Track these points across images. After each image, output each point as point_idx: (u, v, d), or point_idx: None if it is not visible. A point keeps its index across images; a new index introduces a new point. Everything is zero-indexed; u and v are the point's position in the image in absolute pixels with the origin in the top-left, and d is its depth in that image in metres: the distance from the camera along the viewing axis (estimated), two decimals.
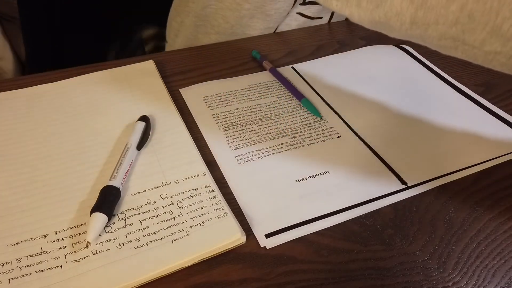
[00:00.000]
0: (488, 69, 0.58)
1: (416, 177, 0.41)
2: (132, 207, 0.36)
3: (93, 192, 0.37)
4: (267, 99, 0.51)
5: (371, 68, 0.57)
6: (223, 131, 0.46)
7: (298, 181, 0.40)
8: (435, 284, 0.32)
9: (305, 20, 0.66)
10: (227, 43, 0.62)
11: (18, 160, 0.41)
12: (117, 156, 0.40)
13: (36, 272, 0.31)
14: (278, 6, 0.61)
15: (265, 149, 0.43)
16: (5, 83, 0.51)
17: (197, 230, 0.35)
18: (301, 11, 0.65)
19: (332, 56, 0.59)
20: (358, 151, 0.44)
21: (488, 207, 0.38)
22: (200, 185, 0.39)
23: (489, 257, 0.34)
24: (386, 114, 0.49)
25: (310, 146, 0.44)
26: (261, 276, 0.32)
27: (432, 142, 0.45)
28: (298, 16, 0.65)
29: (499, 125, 0.48)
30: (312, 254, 0.34)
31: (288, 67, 0.57)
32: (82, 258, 0.32)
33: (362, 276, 0.33)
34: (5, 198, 0.37)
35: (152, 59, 0.56)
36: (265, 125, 0.47)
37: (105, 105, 0.48)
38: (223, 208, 0.36)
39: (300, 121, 0.47)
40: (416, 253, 0.34)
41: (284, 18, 0.64)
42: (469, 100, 0.51)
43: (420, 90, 0.53)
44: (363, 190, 0.39)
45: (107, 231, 0.34)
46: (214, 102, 0.50)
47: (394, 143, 0.45)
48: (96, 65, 0.56)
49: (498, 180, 0.41)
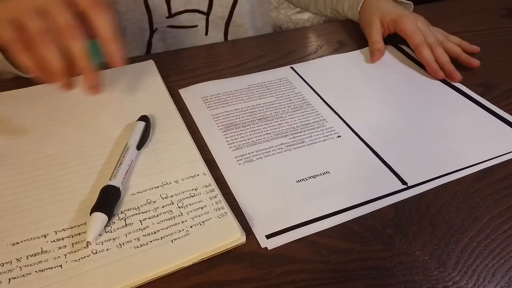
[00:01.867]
0: (487, 70, 0.58)
1: (416, 177, 0.41)
2: (132, 207, 0.36)
3: (93, 192, 0.37)
4: (266, 99, 0.51)
5: (371, 68, 0.57)
6: (222, 132, 0.46)
7: (298, 182, 0.40)
8: (435, 284, 0.32)
9: (183, 32, 0.65)
10: (227, 43, 0.62)
11: (18, 160, 0.41)
12: (117, 156, 0.40)
13: (36, 271, 0.31)
14: (129, 16, 0.60)
15: (265, 150, 0.43)
16: (5, 83, 0.51)
17: (197, 230, 0.35)
18: (170, 24, 0.63)
19: (332, 57, 0.59)
20: (358, 151, 0.44)
21: (488, 207, 0.38)
22: (200, 184, 0.39)
23: (489, 257, 0.34)
24: (386, 114, 0.49)
25: (310, 146, 0.44)
26: (261, 276, 0.32)
27: (432, 142, 0.45)
28: (171, 30, 0.63)
29: (499, 124, 0.48)
30: (312, 254, 0.34)
31: (287, 67, 0.57)
32: (82, 258, 0.32)
33: (362, 276, 0.33)
34: (5, 198, 0.37)
35: (152, 59, 0.56)
36: (264, 126, 0.47)
37: (105, 105, 0.48)
38: (223, 208, 0.36)
39: (300, 121, 0.47)
40: (416, 252, 0.34)
41: (148, 32, 0.63)
42: (468, 100, 0.51)
43: (420, 90, 0.53)
44: (364, 190, 0.39)
45: (107, 230, 0.34)
46: (213, 103, 0.50)
47: (394, 143, 0.45)
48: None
49: (498, 180, 0.41)
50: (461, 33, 0.64)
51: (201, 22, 0.65)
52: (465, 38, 0.61)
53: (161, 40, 0.65)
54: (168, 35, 0.65)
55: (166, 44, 0.66)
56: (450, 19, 0.69)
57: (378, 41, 0.59)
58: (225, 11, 0.66)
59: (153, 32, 0.64)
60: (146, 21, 0.62)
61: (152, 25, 0.63)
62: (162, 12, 0.62)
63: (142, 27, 0.62)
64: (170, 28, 0.64)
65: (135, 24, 0.62)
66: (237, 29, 0.69)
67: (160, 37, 0.65)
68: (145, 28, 0.63)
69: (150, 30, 0.63)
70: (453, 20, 0.69)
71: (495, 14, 0.72)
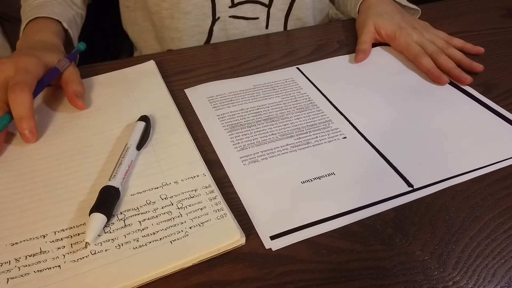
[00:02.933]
0: (488, 70, 0.58)
1: (422, 179, 0.40)
2: (132, 208, 0.36)
3: (92, 192, 0.37)
4: (272, 99, 0.51)
5: (377, 69, 0.57)
6: (228, 132, 0.45)
7: (303, 183, 0.40)
8: (435, 284, 0.32)
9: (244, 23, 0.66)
10: (227, 43, 0.62)
11: (18, 160, 0.41)
12: (117, 156, 0.40)
13: (34, 272, 0.31)
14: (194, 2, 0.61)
15: (270, 150, 0.43)
16: None
17: (196, 231, 0.34)
18: (233, 14, 0.64)
19: (337, 57, 0.59)
20: (364, 152, 0.43)
21: (488, 207, 0.38)
22: (200, 185, 0.38)
23: (489, 257, 0.34)
24: (392, 115, 0.49)
25: (316, 147, 0.44)
26: (262, 276, 0.32)
27: (438, 143, 0.44)
28: (233, 20, 0.65)
29: (505, 125, 0.47)
30: (312, 254, 0.34)
31: (293, 67, 0.57)
32: (80, 259, 0.32)
33: (362, 276, 0.33)
34: (5, 198, 0.37)
35: (153, 59, 0.56)
36: (270, 126, 0.46)
37: (105, 105, 0.48)
38: (222, 209, 0.36)
39: (306, 122, 0.47)
40: (416, 252, 0.34)
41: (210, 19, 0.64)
42: (473, 100, 0.51)
43: (426, 91, 0.53)
44: (369, 192, 0.39)
45: (106, 231, 0.34)
46: (219, 103, 0.50)
47: (400, 144, 0.44)
48: (97, 65, 0.56)
49: (498, 180, 0.41)
50: (461, 33, 0.64)
51: (262, 14, 0.66)
52: (465, 38, 0.61)
53: (222, 29, 0.66)
54: (230, 26, 0.66)
55: (227, 34, 0.67)
56: (450, 19, 0.69)
57: (365, 42, 0.59)
58: (285, 4, 0.67)
59: (215, 21, 0.65)
60: (209, 7, 0.63)
61: (215, 13, 0.64)
62: (226, 1, 0.63)
63: (205, 13, 0.63)
64: (232, 18, 0.65)
65: (199, 9, 0.63)
66: (296, 22, 0.70)
67: (222, 26, 0.66)
68: (208, 15, 0.64)
69: (213, 17, 0.64)
70: (453, 20, 0.69)
71: (495, 14, 0.72)
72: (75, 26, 0.60)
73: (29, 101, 0.41)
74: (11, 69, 0.43)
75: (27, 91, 0.41)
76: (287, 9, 0.68)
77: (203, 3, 0.63)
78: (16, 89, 0.41)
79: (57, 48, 0.51)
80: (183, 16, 0.62)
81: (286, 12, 0.68)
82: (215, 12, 0.63)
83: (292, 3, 0.67)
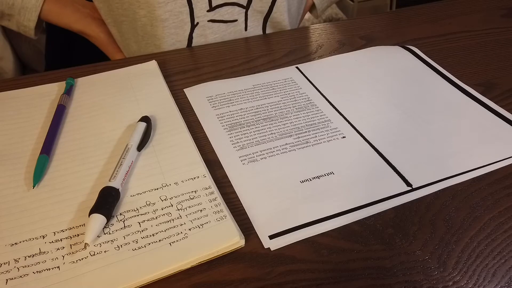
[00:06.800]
0: (488, 69, 0.58)
1: (421, 179, 0.40)
2: (131, 209, 0.36)
3: (92, 193, 0.37)
4: (271, 99, 0.51)
5: (376, 68, 0.57)
6: (227, 131, 0.45)
7: (302, 182, 0.40)
8: (435, 284, 0.32)
9: (223, 27, 0.65)
10: (227, 43, 0.62)
11: (18, 160, 0.41)
12: (118, 157, 0.40)
13: (33, 272, 0.31)
14: (169, 8, 0.60)
15: (269, 150, 0.43)
16: (5, 83, 0.51)
17: (195, 233, 0.34)
18: (211, 18, 0.64)
19: (337, 56, 0.59)
20: (363, 152, 0.43)
21: (488, 207, 0.38)
22: (200, 187, 0.38)
23: (489, 257, 0.34)
24: (391, 114, 0.48)
25: (315, 147, 0.44)
26: (262, 275, 0.32)
27: (438, 143, 0.44)
28: (212, 24, 0.64)
29: (503, 125, 0.47)
30: (312, 254, 0.34)
31: (292, 67, 0.57)
32: (80, 260, 0.32)
33: (362, 276, 0.33)
34: (5, 198, 0.37)
35: (154, 59, 0.56)
36: (269, 125, 0.46)
37: (106, 106, 0.48)
38: (222, 211, 0.36)
39: (305, 122, 0.47)
40: (416, 252, 0.34)
41: (189, 26, 0.63)
42: (473, 100, 0.51)
43: (426, 90, 0.53)
44: (368, 191, 0.39)
45: (105, 232, 0.34)
46: (218, 102, 0.50)
47: (400, 144, 0.44)
48: (98, 64, 0.56)
49: (498, 180, 0.41)
50: (461, 33, 0.64)
51: (240, 16, 0.65)
52: (465, 38, 0.61)
53: (202, 35, 0.65)
54: (209, 30, 0.65)
55: (207, 40, 0.66)
56: (450, 19, 0.69)
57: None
58: (264, 6, 0.66)
59: (194, 27, 0.64)
60: (187, 13, 0.62)
61: (194, 19, 0.63)
62: (203, 5, 0.62)
63: (183, 20, 0.62)
64: (211, 22, 0.64)
65: (176, 16, 0.62)
66: (275, 24, 0.70)
67: (201, 32, 0.65)
68: (186, 22, 0.63)
69: (191, 24, 0.63)
70: (453, 20, 0.69)
71: (495, 14, 0.72)
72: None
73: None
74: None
75: None
76: (266, 12, 0.67)
77: (180, 9, 0.61)
78: None
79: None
80: (160, 24, 0.61)
81: (265, 14, 0.67)
82: (193, 18, 0.62)
83: (272, 6, 0.66)
